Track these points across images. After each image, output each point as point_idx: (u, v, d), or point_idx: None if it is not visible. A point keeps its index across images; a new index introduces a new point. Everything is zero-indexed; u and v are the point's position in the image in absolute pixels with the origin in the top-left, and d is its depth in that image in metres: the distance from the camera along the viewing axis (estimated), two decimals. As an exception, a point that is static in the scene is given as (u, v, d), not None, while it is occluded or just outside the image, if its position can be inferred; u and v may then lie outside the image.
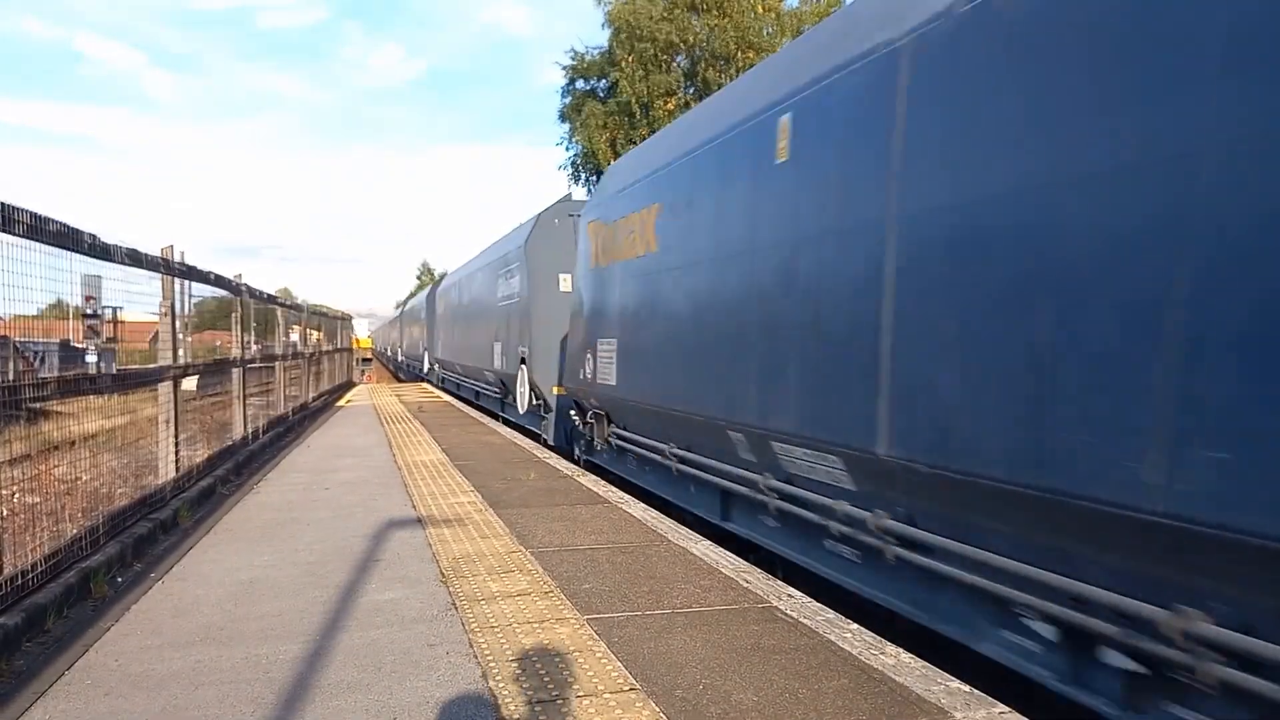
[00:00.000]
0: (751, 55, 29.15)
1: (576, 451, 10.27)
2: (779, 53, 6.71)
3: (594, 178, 31.15)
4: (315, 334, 19.10)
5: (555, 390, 11.80)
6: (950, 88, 3.61)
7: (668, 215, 6.82)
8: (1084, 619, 3.00)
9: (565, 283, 11.84)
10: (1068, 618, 3.08)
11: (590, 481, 8.18)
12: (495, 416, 16.35)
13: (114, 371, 6.14)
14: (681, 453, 6.74)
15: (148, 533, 5.68)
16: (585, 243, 9.05)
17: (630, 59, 30.11)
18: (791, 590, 4.60)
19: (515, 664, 3.53)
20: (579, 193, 26.09)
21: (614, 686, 3.29)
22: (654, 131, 25.86)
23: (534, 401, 12.85)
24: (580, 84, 33.75)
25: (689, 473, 6.58)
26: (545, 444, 11.85)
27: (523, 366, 13.08)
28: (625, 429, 8.24)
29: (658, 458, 7.18)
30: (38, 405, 4.93)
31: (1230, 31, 2.48)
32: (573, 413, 9.92)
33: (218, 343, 11.37)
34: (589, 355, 8.67)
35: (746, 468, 5.63)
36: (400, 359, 45.09)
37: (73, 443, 5.94)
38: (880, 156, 4.04)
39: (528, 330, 12.73)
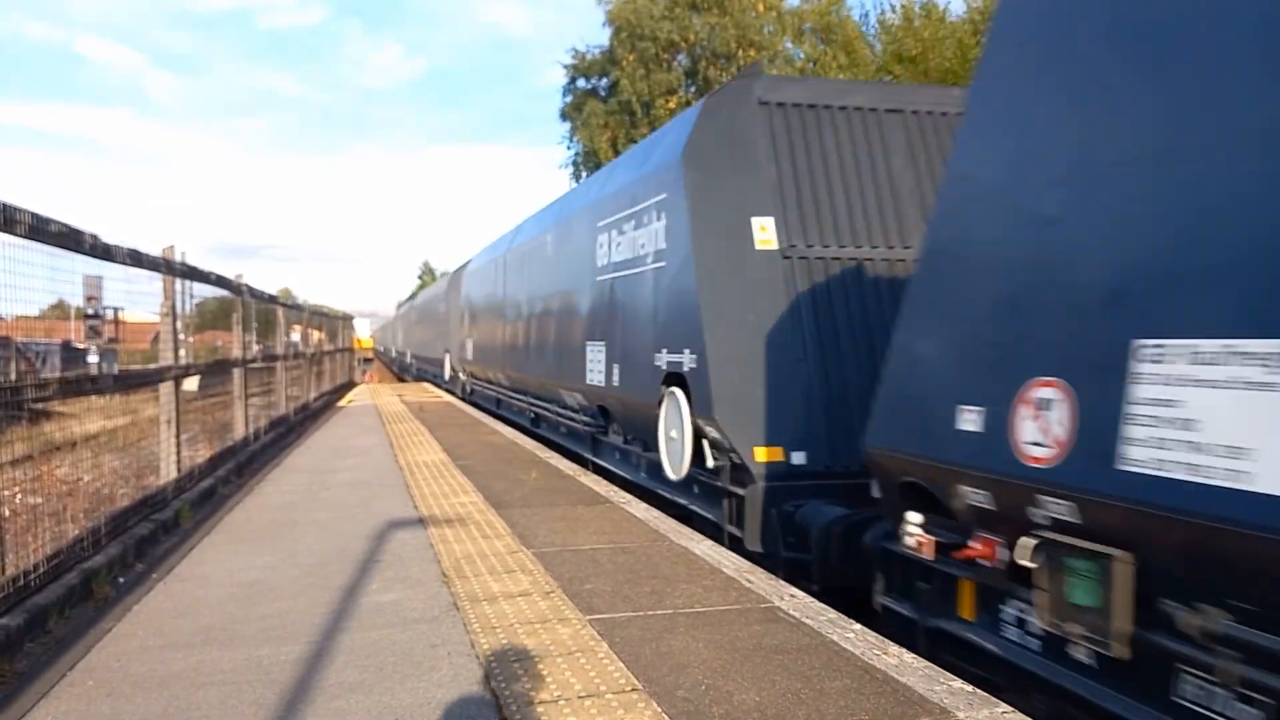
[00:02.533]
0: (752, 53, 29.15)
1: (881, 596, 4.55)
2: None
3: (595, 177, 31.09)
4: (316, 334, 19.10)
5: (761, 454, 5.99)
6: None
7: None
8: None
9: (764, 231, 6.44)
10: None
11: (592, 481, 8.18)
12: (584, 463, 9.95)
13: (115, 372, 6.14)
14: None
15: (149, 533, 5.68)
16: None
17: (631, 58, 30.11)
18: (794, 590, 4.59)
19: (517, 664, 3.53)
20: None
21: (616, 687, 3.29)
22: (654, 129, 25.86)
23: (708, 462, 6.53)
24: (581, 83, 33.79)
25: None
26: (737, 547, 6.03)
27: (674, 391, 6.81)
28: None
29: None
30: (39, 406, 4.93)
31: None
32: (913, 524, 4.13)
33: (219, 343, 11.37)
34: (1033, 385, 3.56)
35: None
36: (409, 361, 39.09)
37: (74, 443, 5.94)
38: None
39: (692, 320, 6.46)
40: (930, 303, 4.07)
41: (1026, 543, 3.31)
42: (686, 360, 6.53)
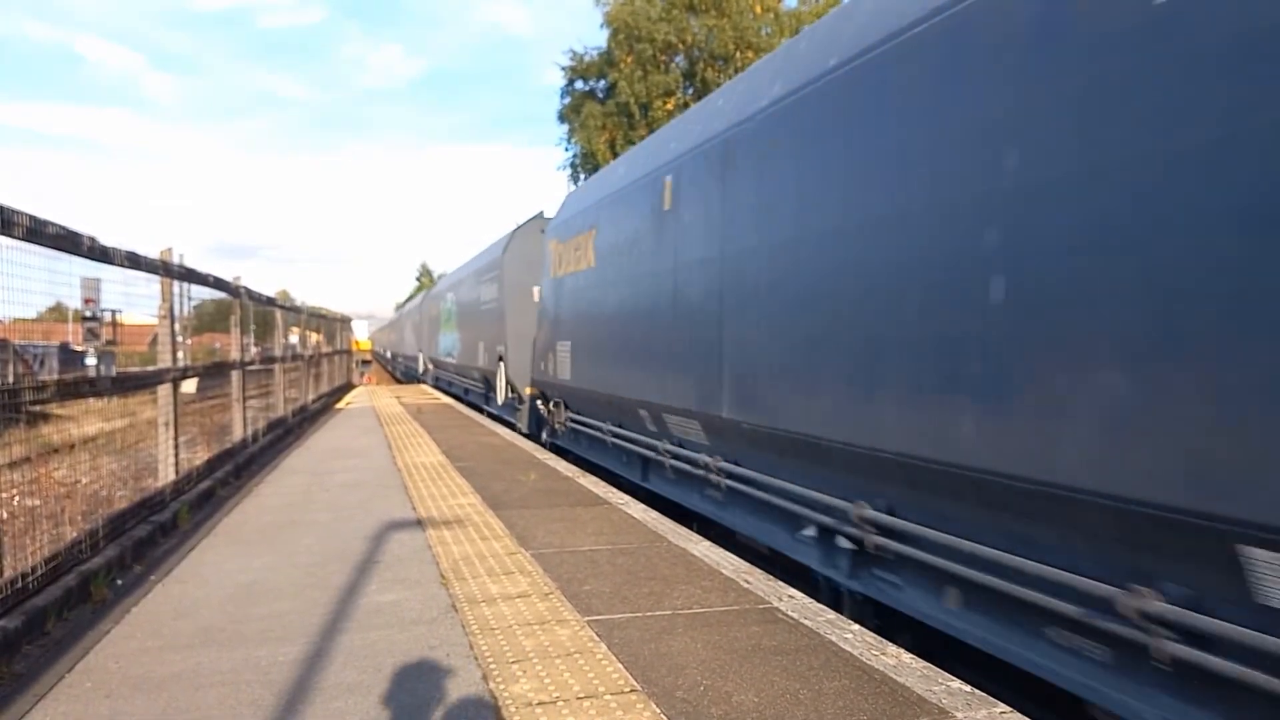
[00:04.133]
0: (750, 55, 29.18)
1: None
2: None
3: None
4: (314, 336, 19.09)
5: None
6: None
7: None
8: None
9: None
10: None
11: (590, 482, 8.18)
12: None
13: (113, 374, 6.14)
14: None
15: (147, 535, 5.68)
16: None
17: (629, 59, 30.13)
18: (792, 591, 4.60)
19: (515, 666, 3.53)
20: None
21: (614, 688, 3.29)
22: (652, 131, 25.88)
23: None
24: (579, 84, 33.80)
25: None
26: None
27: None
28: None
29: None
30: (37, 408, 4.92)
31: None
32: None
33: (217, 345, 11.37)
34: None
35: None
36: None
37: (72, 446, 5.94)
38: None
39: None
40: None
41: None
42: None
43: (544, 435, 12.01)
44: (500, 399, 15.68)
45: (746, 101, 5.65)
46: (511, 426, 14.54)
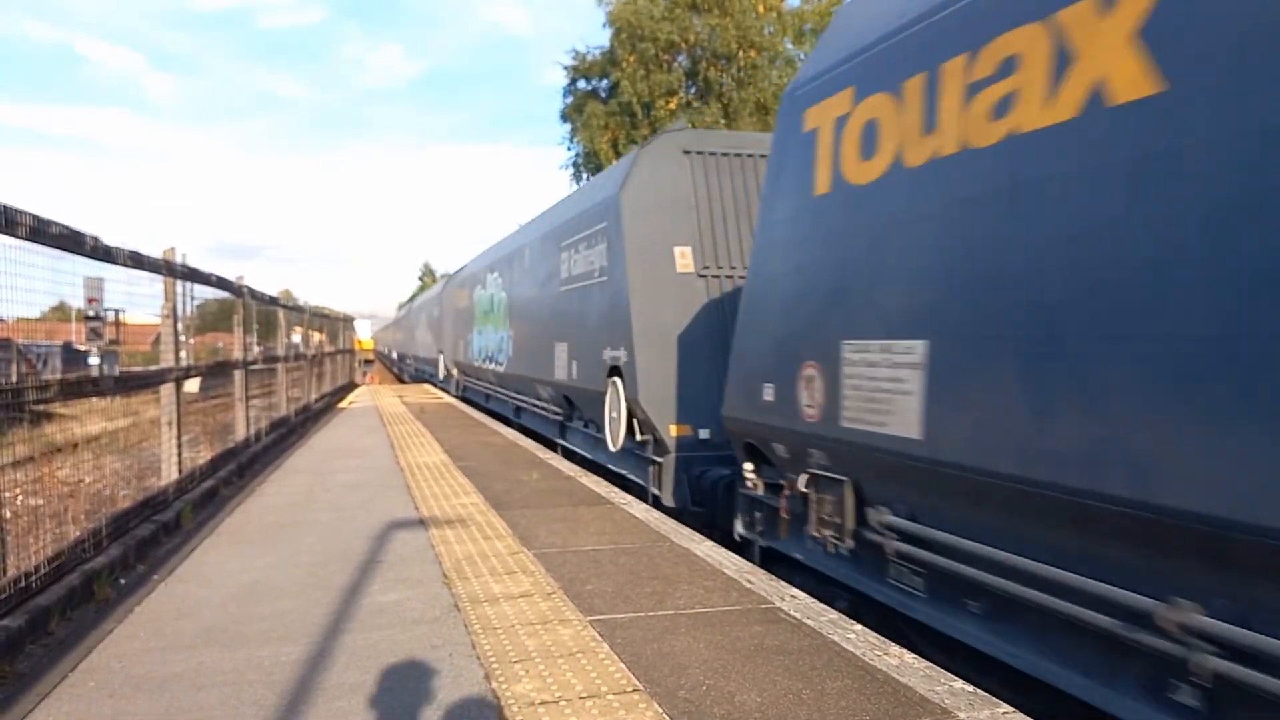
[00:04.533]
0: (753, 54, 29.16)
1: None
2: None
3: (595, 178, 31.06)
4: (317, 335, 19.11)
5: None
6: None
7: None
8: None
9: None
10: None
11: (593, 482, 8.17)
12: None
13: (116, 374, 6.14)
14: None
15: (151, 534, 5.68)
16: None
17: (631, 59, 30.10)
18: (795, 591, 4.59)
19: (518, 665, 3.53)
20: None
21: (617, 688, 3.29)
22: (655, 131, 25.84)
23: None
24: (582, 84, 33.74)
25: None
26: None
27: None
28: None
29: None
30: (41, 408, 4.93)
31: None
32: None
33: (220, 344, 11.38)
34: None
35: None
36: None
37: (75, 445, 5.95)
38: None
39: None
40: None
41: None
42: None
43: (740, 527, 6.11)
44: (615, 442, 8.80)
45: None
46: (636, 490, 8.43)
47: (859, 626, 4.02)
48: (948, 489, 3.73)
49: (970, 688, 3.26)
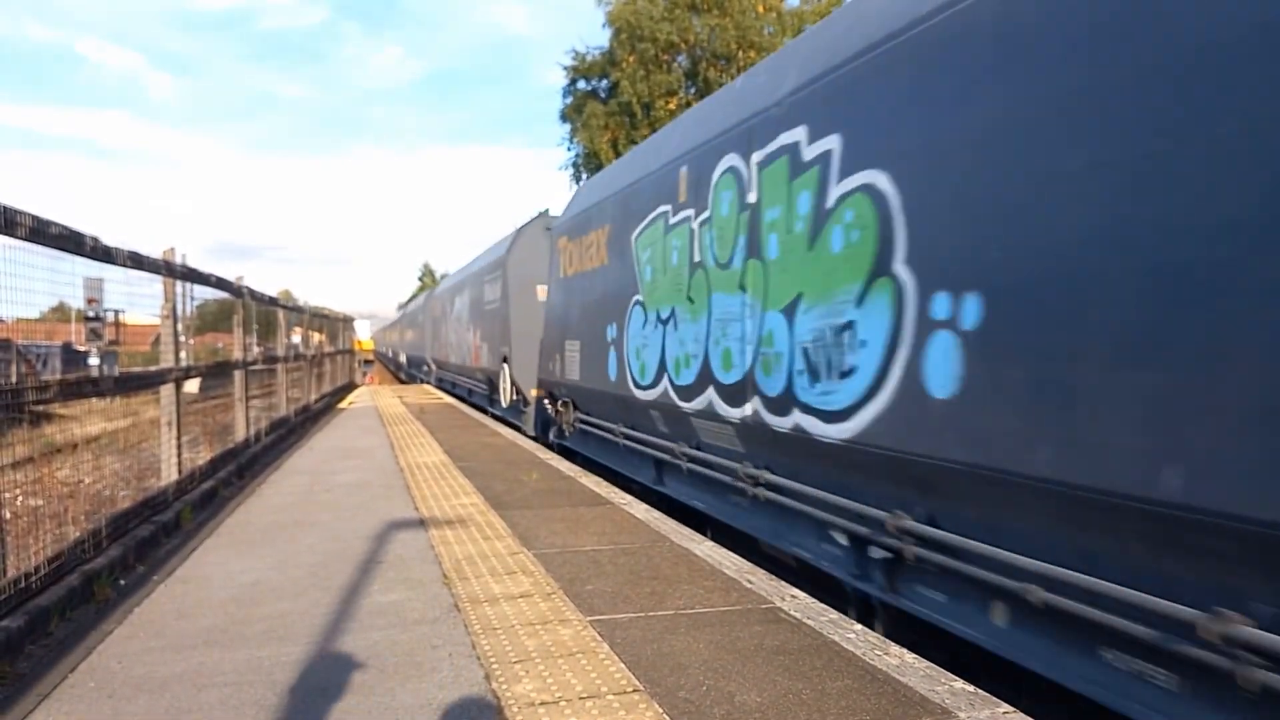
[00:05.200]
0: (753, 54, 29.15)
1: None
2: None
3: (595, 178, 31.06)
4: (317, 336, 19.10)
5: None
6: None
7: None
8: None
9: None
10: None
11: (592, 482, 8.18)
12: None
13: (116, 374, 6.14)
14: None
15: (150, 535, 5.68)
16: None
17: (631, 59, 30.12)
18: (795, 591, 4.59)
19: (518, 665, 3.53)
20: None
21: (617, 688, 3.29)
22: (655, 131, 25.85)
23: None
24: (581, 84, 33.78)
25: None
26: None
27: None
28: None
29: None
30: (40, 408, 4.93)
31: None
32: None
33: (220, 345, 11.38)
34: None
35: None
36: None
37: (75, 445, 5.95)
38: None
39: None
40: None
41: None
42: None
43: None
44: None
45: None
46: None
47: (859, 626, 4.02)
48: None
49: (971, 688, 3.26)
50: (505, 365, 14.78)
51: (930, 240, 3.75)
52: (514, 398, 14.72)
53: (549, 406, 11.49)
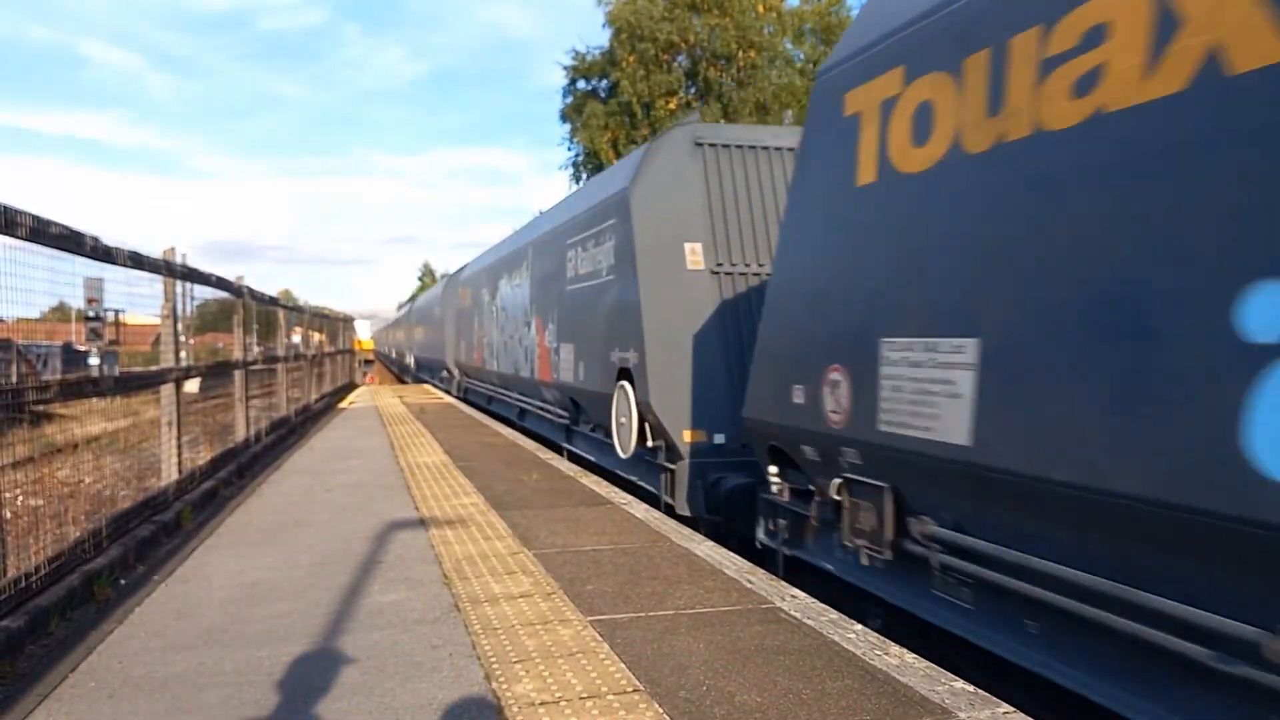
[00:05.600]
0: (752, 54, 29.17)
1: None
2: None
3: (595, 178, 31.06)
4: (317, 335, 19.11)
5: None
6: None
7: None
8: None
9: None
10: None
11: (593, 482, 8.17)
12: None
13: (116, 374, 6.14)
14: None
15: (151, 535, 5.68)
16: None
17: (631, 59, 30.12)
18: (795, 591, 4.59)
19: (518, 665, 3.53)
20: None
21: (617, 688, 3.29)
22: (655, 131, 25.83)
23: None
24: (581, 84, 33.79)
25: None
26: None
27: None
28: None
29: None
30: (41, 408, 4.93)
31: None
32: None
33: (220, 345, 11.38)
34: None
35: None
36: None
37: (75, 445, 5.95)
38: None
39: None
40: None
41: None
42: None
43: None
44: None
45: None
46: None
47: (859, 626, 4.02)
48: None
49: (971, 688, 3.26)
50: (626, 385, 8.32)
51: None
52: (654, 442, 8.03)
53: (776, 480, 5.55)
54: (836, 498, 4.58)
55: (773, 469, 5.42)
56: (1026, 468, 3.24)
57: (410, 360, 36.95)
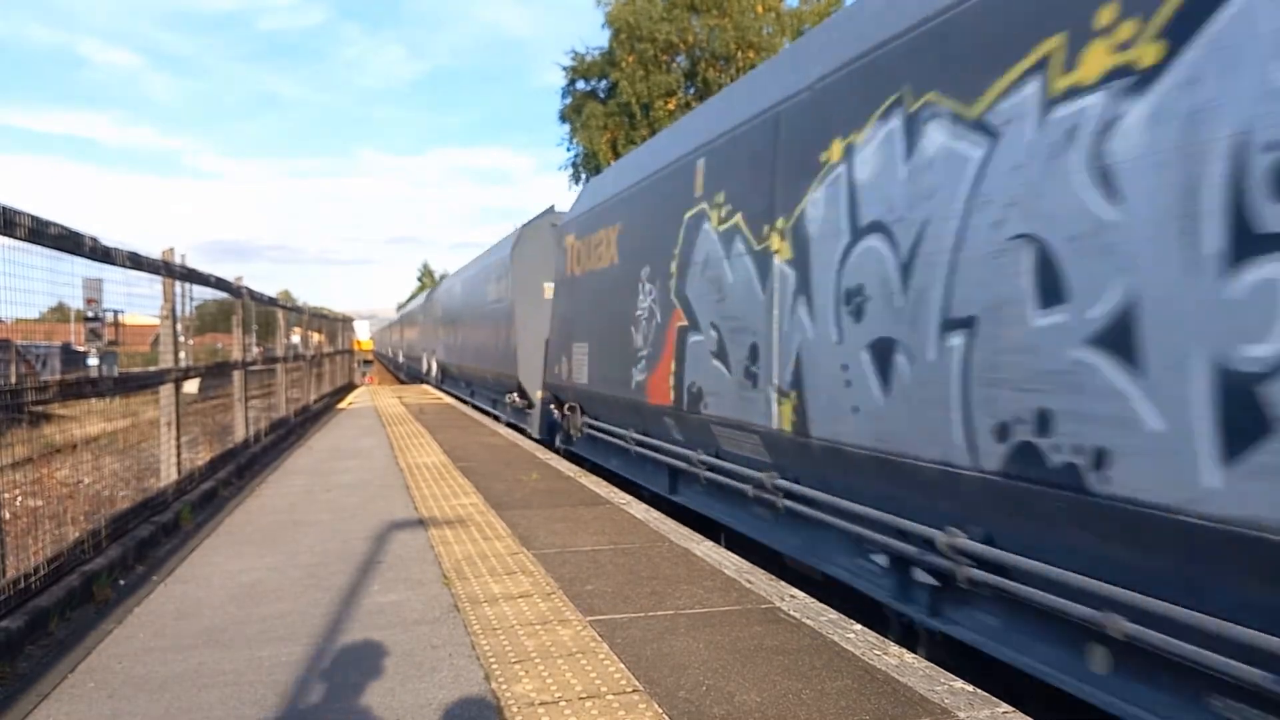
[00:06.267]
0: (751, 55, 29.15)
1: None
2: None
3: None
4: (316, 336, 19.10)
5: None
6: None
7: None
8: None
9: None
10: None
11: (592, 483, 8.18)
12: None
13: (115, 374, 6.14)
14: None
15: (150, 535, 5.68)
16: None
17: (630, 59, 30.11)
18: (794, 591, 4.59)
19: (518, 665, 3.53)
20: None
21: (617, 688, 3.29)
22: (654, 132, 25.84)
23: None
24: (580, 85, 33.75)
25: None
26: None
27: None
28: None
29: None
30: (39, 409, 4.93)
31: None
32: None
33: (219, 345, 11.38)
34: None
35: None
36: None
37: (75, 446, 5.94)
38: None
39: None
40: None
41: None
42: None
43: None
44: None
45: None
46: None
47: (858, 626, 4.02)
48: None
49: (970, 687, 3.27)
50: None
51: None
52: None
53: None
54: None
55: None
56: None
57: (431, 365, 35.62)
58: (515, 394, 14.17)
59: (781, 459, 5.24)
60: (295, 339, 15.80)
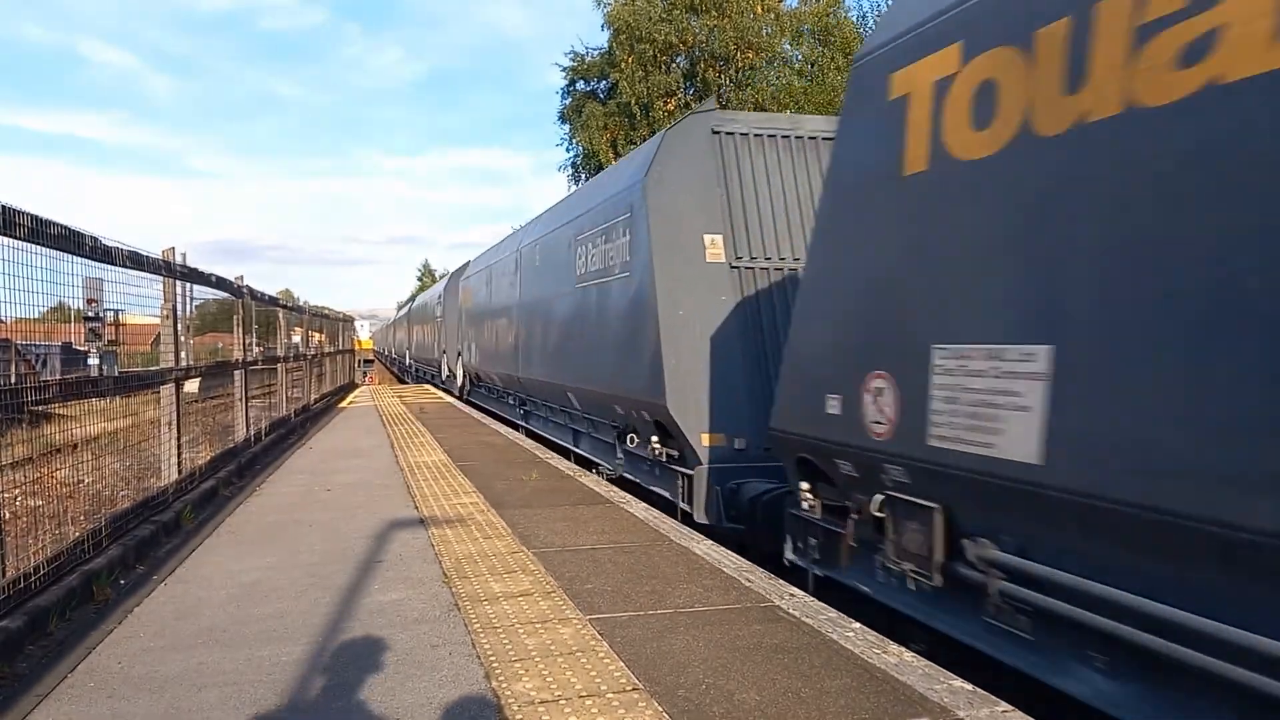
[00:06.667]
0: (751, 55, 29.16)
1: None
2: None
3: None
4: (317, 336, 19.10)
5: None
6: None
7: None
8: None
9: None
10: None
11: (592, 481, 8.17)
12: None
13: (116, 374, 6.14)
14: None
15: (150, 535, 5.68)
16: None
17: (630, 60, 30.11)
18: (793, 589, 4.59)
19: (518, 664, 3.53)
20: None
21: (617, 686, 3.29)
22: (654, 132, 25.84)
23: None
24: (580, 85, 33.79)
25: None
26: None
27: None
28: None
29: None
30: (40, 408, 4.93)
31: None
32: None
33: (220, 345, 11.38)
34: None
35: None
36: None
37: (75, 445, 5.94)
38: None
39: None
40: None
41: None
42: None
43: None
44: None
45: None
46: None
47: (858, 625, 4.02)
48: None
49: (969, 686, 3.27)
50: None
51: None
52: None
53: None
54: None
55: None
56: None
57: (457, 372, 32.10)
58: (654, 437, 7.81)
59: None
60: (296, 338, 15.80)
